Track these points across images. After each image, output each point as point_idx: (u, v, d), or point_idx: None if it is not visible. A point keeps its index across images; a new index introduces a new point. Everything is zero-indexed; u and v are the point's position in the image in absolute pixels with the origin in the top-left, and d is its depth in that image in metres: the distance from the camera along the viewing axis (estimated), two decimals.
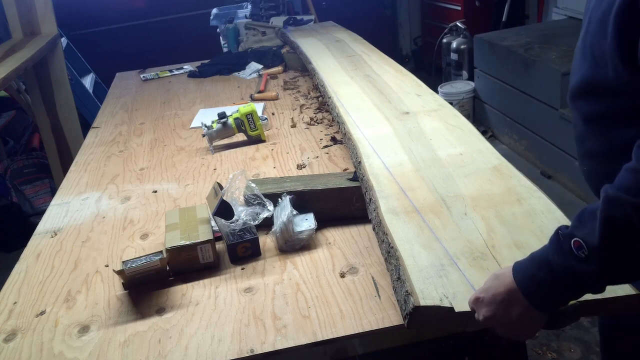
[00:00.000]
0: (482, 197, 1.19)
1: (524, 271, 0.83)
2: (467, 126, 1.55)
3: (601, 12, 0.91)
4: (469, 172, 1.29)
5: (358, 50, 2.56)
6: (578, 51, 1.06)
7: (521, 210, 1.13)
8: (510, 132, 3.79)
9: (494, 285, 0.86)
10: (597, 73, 0.96)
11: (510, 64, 3.59)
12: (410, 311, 0.90)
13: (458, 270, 0.97)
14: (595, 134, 1.03)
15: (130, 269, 1.19)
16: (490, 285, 0.87)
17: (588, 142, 1.06)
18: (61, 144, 3.41)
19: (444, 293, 0.92)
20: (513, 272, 0.85)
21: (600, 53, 0.93)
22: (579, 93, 1.04)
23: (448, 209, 1.15)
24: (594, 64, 0.97)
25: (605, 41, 0.90)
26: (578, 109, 1.07)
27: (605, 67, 0.93)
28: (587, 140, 1.06)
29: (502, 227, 1.08)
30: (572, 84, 1.07)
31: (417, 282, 0.94)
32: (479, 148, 1.41)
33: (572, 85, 1.07)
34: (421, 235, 1.07)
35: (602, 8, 0.91)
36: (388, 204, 1.19)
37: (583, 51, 1.01)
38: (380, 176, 1.31)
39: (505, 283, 0.85)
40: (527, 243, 1.02)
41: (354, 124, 1.65)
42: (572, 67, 1.10)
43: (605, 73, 0.93)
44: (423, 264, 0.99)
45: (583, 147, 1.09)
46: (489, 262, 0.98)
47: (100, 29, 5.08)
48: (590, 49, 0.97)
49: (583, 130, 1.07)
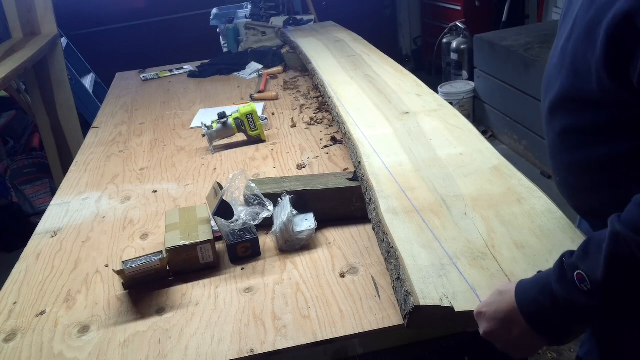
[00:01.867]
0: (482, 197, 1.19)
1: (527, 293, 0.82)
2: (467, 126, 1.55)
3: (588, 21, 0.89)
4: (469, 172, 1.29)
5: (358, 50, 2.56)
6: (554, 62, 1.01)
7: (521, 210, 1.12)
8: (510, 132, 3.79)
9: (497, 301, 0.85)
10: (577, 84, 0.94)
11: (510, 64, 3.59)
12: (410, 311, 0.90)
13: (458, 271, 0.97)
14: (573, 146, 1.00)
15: (130, 269, 1.19)
16: (494, 300, 0.86)
17: (564, 154, 1.03)
18: (61, 144, 3.41)
19: (444, 293, 0.91)
20: (516, 293, 0.83)
21: (583, 63, 0.91)
22: (559, 104, 1.00)
23: (448, 209, 1.15)
24: (573, 75, 0.94)
25: (592, 52, 0.87)
26: (555, 121, 1.03)
27: (588, 78, 0.90)
28: (563, 152, 1.03)
29: (502, 227, 1.08)
30: (551, 98, 1.03)
31: (417, 282, 0.94)
32: (479, 148, 1.41)
33: (551, 99, 1.03)
34: (421, 235, 1.07)
35: (589, 16, 0.89)
36: (388, 204, 1.19)
37: (561, 60, 0.97)
38: (380, 176, 1.31)
39: (508, 301, 0.84)
40: (527, 243, 1.02)
41: (354, 124, 1.65)
42: (547, 80, 1.05)
43: (586, 84, 0.91)
44: (423, 264, 0.99)
45: (557, 159, 1.06)
46: (489, 262, 0.98)
47: (100, 29, 5.08)
48: (571, 58, 0.94)
49: (558, 143, 1.03)
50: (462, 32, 4.46)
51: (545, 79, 1.07)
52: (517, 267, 0.97)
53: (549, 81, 1.04)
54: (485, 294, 0.91)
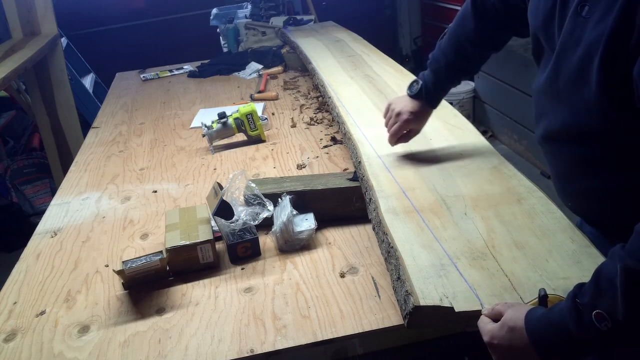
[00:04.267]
0: (482, 197, 1.19)
1: (542, 336, 0.79)
2: (467, 126, 1.55)
3: (577, 60, 0.88)
4: (469, 172, 1.29)
5: (358, 50, 2.56)
6: (546, 93, 1.02)
7: (521, 210, 1.12)
8: (510, 132, 3.79)
9: (510, 337, 0.82)
10: (577, 120, 0.94)
11: (510, 64, 3.59)
12: (410, 311, 0.90)
13: (457, 271, 0.97)
14: (587, 173, 1.00)
15: (130, 269, 1.19)
16: (506, 336, 0.83)
17: (577, 181, 1.03)
18: (61, 144, 3.41)
19: (444, 293, 0.91)
20: (528, 334, 0.80)
21: (580, 101, 0.91)
22: (561, 136, 1.01)
23: (448, 209, 1.15)
24: (572, 112, 0.94)
25: (588, 89, 0.87)
26: (560, 150, 1.03)
27: (589, 113, 0.90)
28: (576, 179, 1.03)
29: (502, 227, 1.08)
30: (546, 127, 1.03)
31: (417, 282, 0.94)
32: (478, 148, 1.41)
33: (546, 128, 1.03)
34: (421, 235, 1.07)
35: (577, 55, 0.88)
36: (388, 204, 1.19)
37: (557, 96, 0.98)
38: (380, 176, 1.31)
39: (521, 339, 0.81)
40: (527, 243, 1.02)
41: (354, 124, 1.65)
42: (538, 107, 1.06)
43: (588, 119, 0.91)
44: (423, 264, 0.99)
45: (570, 185, 1.06)
46: (489, 262, 0.98)
47: (100, 29, 5.08)
48: (566, 96, 0.94)
49: (571, 170, 1.03)
50: None
51: (536, 103, 1.07)
52: (517, 267, 0.97)
53: (541, 109, 1.04)
54: (485, 294, 0.91)
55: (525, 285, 0.92)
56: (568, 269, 0.95)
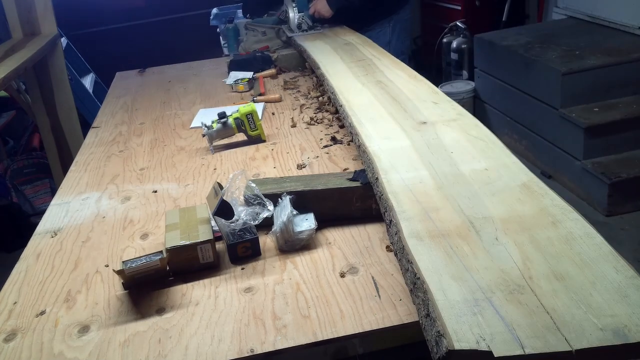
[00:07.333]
0: (513, 219, 1.06)
1: None
2: (490, 137, 1.41)
3: None
4: (496, 190, 1.16)
5: (368, 54, 2.43)
6: None
7: (557, 234, 1.00)
8: (510, 132, 3.79)
9: None
10: None
11: (510, 64, 3.59)
12: (443, 355, 0.79)
13: (493, 307, 0.85)
14: None
15: (130, 269, 1.19)
16: None
17: None
18: (61, 144, 3.41)
19: (480, 334, 0.79)
20: None
21: None
22: None
23: (477, 233, 1.03)
24: None
25: None
26: None
27: None
28: None
29: (538, 255, 0.96)
30: None
31: (449, 321, 0.82)
32: (504, 162, 1.27)
33: None
34: (450, 265, 0.95)
35: None
36: (411, 227, 1.06)
37: None
38: (400, 194, 1.18)
39: None
40: (567, 274, 0.91)
41: (368, 135, 1.52)
42: None
43: None
44: (455, 298, 0.87)
45: None
46: (527, 297, 0.86)
47: (100, 29, 5.09)
48: None
49: None
50: (462, 32, 4.46)
51: None
52: (559, 302, 0.85)
53: None
54: (525, 335, 0.80)
55: (570, 325, 0.80)
56: (615, 304, 0.83)
